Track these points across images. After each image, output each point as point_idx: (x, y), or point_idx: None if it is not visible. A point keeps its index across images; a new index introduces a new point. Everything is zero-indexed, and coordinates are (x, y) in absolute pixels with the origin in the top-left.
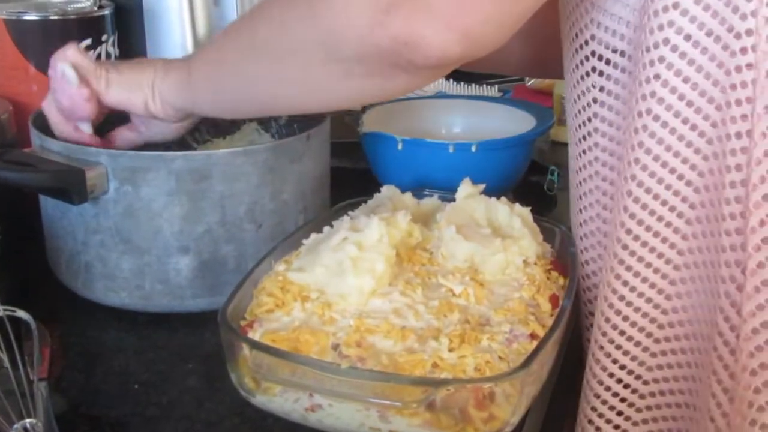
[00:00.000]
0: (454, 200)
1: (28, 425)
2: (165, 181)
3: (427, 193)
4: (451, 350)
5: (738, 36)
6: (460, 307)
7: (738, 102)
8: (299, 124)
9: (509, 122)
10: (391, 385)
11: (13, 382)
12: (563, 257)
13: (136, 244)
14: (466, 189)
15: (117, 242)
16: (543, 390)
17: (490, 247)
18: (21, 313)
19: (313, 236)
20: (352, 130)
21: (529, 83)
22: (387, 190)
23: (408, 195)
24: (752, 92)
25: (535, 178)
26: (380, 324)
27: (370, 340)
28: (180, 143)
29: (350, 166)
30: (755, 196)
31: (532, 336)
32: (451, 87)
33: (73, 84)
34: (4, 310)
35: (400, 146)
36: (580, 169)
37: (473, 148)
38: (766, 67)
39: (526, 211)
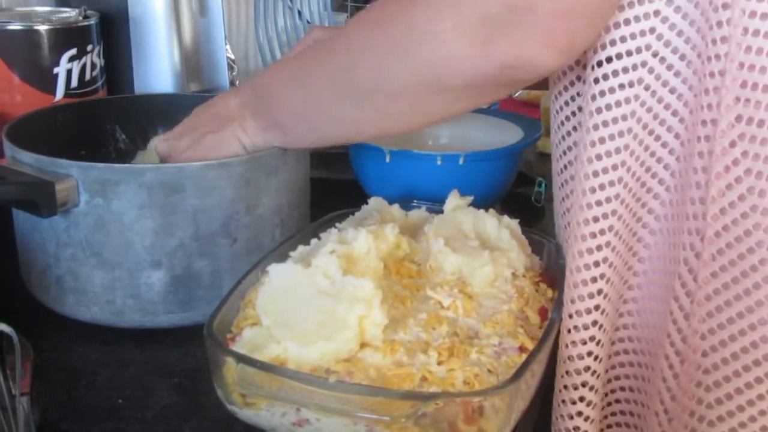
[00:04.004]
0: (442, 212)
1: None
2: (136, 194)
3: (414, 204)
4: (439, 363)
5: (718, 25)
6: (448, 320)
7: (711, 74)
8: None
9: (496, 134)
10: (379, 399)
11: None
12: (552, 269)
13: (106, 258)
14: (454, 201)
15: (88, 256)
16: (532, 403)
17: (479, 259)
18: (2, 326)
19: (300, 248)
20: None
21: (516, 95)
22: (374, 202)
23: (395, 207)
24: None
25: (523, 190)
26: None
27: (358, 354)
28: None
29: (337, 177)
30: (717, 167)
31: (521, 349)
32: None
33: None
34: None
35: (387, 158)
36: (560, 171)
37: (461, 160)
38: (739, 58)
39: (514, 223)
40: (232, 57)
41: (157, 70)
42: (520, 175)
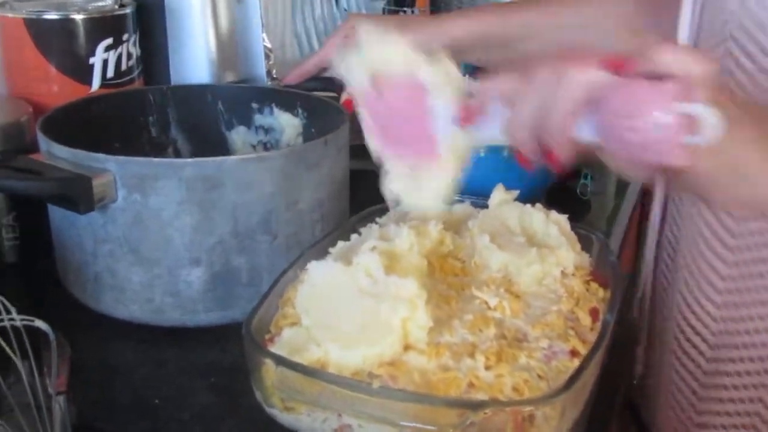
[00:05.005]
0: (486, 206)
1: None
2: (175, 189)
3: (458, 198)
4: (487, 368)
5: None
6: (495, 321)
7: None
8: (317, 128)
9: None
10: (424, 407)
11: (29, 395)
12: (602, 267)
13: (145, 255)
14: (499, 195)
15: (126, 253)
16: (583, 411)
17: (526, 257)
18: (39, 323)
19: (340, 244)
20: None
21: None
22: None
23: None
24: None
25: (567, 183)
26: None
27: (402, 357)
28: None
29: (375, 168)
30: None
31: (573, 353)
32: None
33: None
34: (22, 320)
35: None
36: None
37: (505, 152)
38: None
39: (563, 219)
40: (269, 46)
41: (193, 59)
42: None
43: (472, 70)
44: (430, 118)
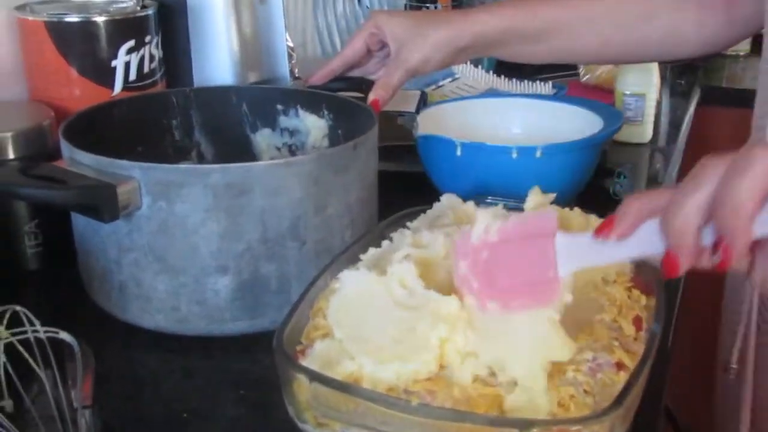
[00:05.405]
0: (520, 209)
1: None
2: (201, 196)
3: (490, 201)
4: None
5: None
6: None
7: None
8: (343, 129)
9: (572, 122)
10: (466, 426)
11: (53, 409)
12: (643, 273)
13: (171, 263)
14: (535, 198)
15: (151, 261)
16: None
17: None
18: (64, 335)
19: (372, 251)
20: (407, 133)
21: (584, 78)
22: (447, 199)
23: (470, 204)
24: None
25: (599, 182)
26: None
27: (440, 372)
28: None
29: (404, 169)
30: None
31: (619, 365)
32: (503, 83)
33: None
34: (46, 332)
35: (458, 151)
36: None
37: (538, 153)
38: None
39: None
40: (291, 45)
41: (216, 59)
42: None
43: (496, 66)
44: (549, 260)
